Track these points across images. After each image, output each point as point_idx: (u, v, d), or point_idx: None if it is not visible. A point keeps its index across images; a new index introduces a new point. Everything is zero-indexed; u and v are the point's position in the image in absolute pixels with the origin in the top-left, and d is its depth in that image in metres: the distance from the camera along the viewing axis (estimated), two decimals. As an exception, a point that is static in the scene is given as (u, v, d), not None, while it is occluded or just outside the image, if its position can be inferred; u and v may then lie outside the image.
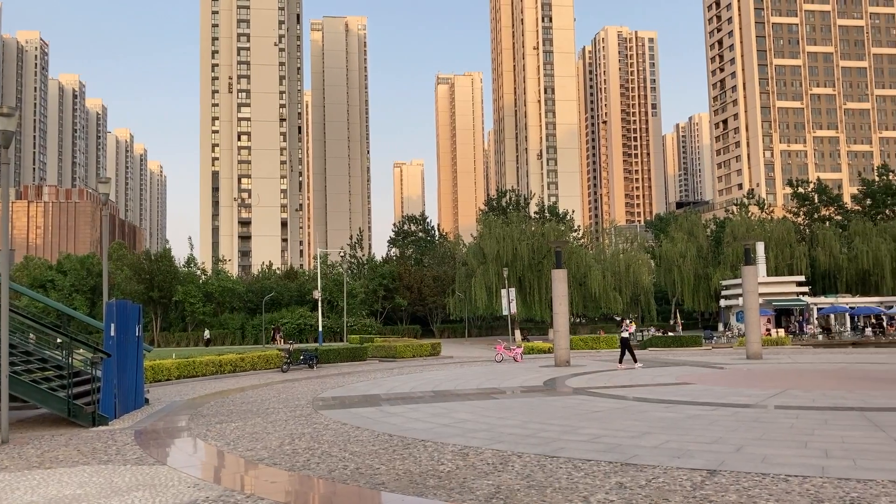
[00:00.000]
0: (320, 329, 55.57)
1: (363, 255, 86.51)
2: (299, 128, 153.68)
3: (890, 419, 11.26)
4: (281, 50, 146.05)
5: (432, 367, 28.24)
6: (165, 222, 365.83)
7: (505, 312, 44.54)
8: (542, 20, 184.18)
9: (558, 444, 9.79)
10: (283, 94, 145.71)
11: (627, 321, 27.64)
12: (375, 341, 42.15)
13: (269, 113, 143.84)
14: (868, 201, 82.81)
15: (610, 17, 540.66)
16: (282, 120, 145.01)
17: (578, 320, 79.70)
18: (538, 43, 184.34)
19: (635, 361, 24.95)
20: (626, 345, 25.21)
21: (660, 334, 48.51)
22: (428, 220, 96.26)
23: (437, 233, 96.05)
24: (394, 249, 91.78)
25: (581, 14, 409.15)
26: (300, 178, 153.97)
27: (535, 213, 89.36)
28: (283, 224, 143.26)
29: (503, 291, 44.74)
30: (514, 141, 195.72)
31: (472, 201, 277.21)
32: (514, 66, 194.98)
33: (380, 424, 12.25)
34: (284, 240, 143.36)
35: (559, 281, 27.28)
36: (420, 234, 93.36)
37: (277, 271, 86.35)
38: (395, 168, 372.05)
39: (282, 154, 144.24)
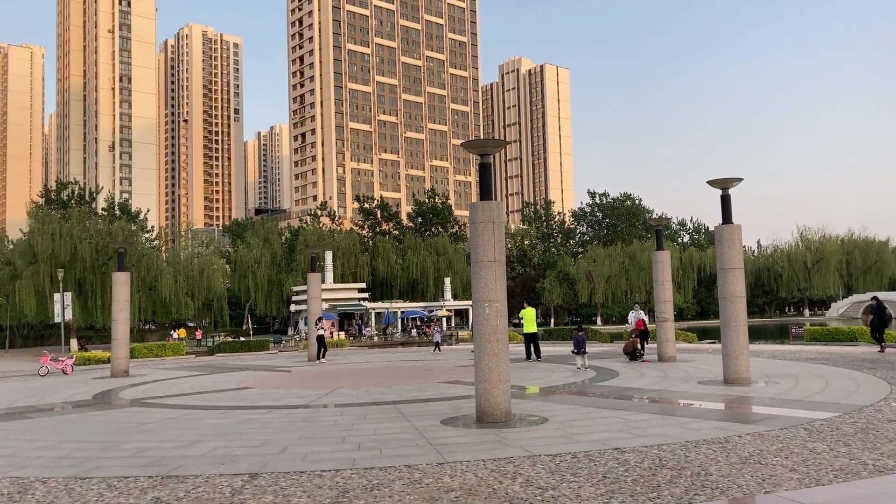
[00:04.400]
0: None
1: None
2: None
3: (415, 409, 12.91)
4: None
5: (-47, 385, 23.66)
6: None
7: (58, 319, 39.84)
8: (120, 3, 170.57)
9: (95, 464, 8.96)
10: None
11: (324, 321, 32.54)
12: None
13: None
14: (419, 219, 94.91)
15: (195, 15, 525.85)
16: None
17: (148, 327, 75.44)
18: (114, 26, 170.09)
19: (323, 357, 28.52)
20: (321, 342, 28.85)
21: (230, 339, 48.40)
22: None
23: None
24: None
25: (164, 5, 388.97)
26: None
27: (104, 209, 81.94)
28: None
29: (57, 296, 40.02)
30: (81, 128, 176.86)
31: (25, 191, 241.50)
32: (85, 46, 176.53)
33: None
34: None
35: (120, 285, 25.31)
36: (-50, 226, 77.97)
37: None
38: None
39: None
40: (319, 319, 30.94)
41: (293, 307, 65.20)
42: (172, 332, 62.13)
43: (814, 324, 48.52)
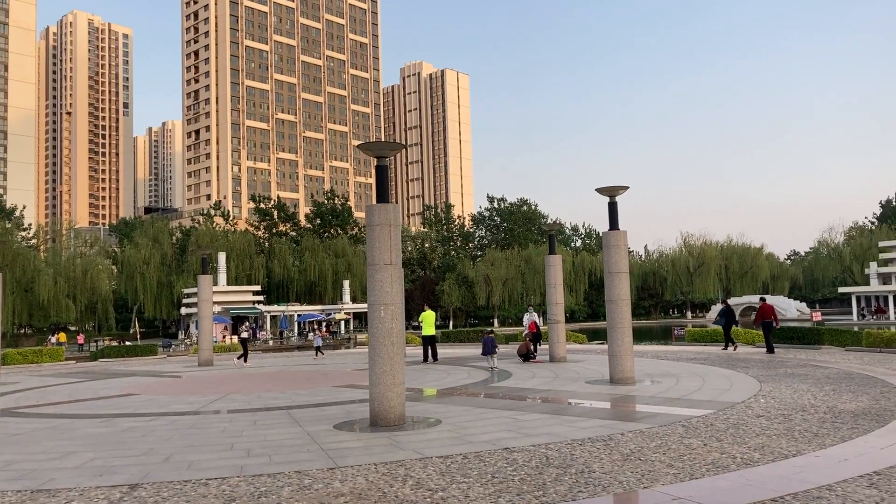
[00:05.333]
0: None
1: None
2: None
3: (307, 414, 12.73)
4: None
5: None
6: None
7: (-82, 323, 36.67)
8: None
9: (-44, 479, 8.33)
10: None
11: (247, 324, 32.90)
12: None
13: None
14: (318, 221, 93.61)
15: (80, 2, 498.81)
16: None
17: (24, 331, 70.94)
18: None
19: (245, 361, 28.87)
20: (244, 344, 29.77)
21: (115, 344, 46.14)
22: None
23: None
24: None
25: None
26: None
27: (-27, 206, 76.52)
28: None
29: (-84, 298, 36.83)
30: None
31: None
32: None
33: None
34: None
35: (-9, 286, 23.63)
36: None
37: None
38: None
39: None
40: (244, 321, 31.19)
41: (184, 310, 62.87)
42: (51, 336, 58.49)
43: (695, 325, 51.24)
